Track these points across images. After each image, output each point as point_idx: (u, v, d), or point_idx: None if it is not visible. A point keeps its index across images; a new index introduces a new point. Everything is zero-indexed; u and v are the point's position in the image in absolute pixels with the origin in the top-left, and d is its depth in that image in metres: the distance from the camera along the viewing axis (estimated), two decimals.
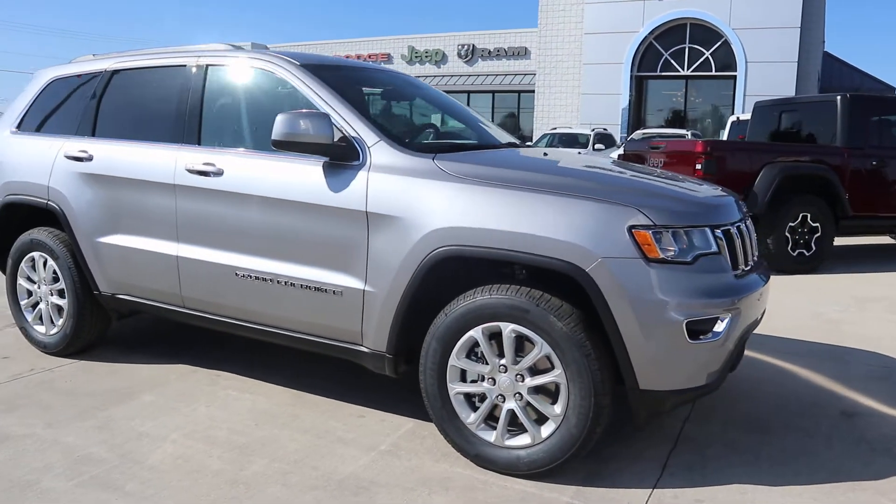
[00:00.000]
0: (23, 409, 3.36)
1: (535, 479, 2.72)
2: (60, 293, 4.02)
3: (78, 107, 4.01)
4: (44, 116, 4.18)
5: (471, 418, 2.81)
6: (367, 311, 2.96)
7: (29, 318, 4.19)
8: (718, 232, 2.69)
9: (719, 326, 2.60)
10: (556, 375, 2.63)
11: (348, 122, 3.07)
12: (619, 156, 8.19)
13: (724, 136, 11.49)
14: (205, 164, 3.36)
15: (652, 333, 2.50)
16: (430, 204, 2.80)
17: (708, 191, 3.11)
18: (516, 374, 2.70)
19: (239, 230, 3.27)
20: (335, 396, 3.54)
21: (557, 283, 2.66)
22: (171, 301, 3.61)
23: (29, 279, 4.16)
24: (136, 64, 3.85)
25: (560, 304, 2.60)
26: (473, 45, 29.17)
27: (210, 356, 4.12)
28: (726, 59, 23.04)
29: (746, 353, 4.28)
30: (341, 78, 3.44)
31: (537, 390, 2.70)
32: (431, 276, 2.80)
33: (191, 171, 3.39)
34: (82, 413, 3.32)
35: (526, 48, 28.62)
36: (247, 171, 3.25)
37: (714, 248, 2.65)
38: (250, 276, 3.25)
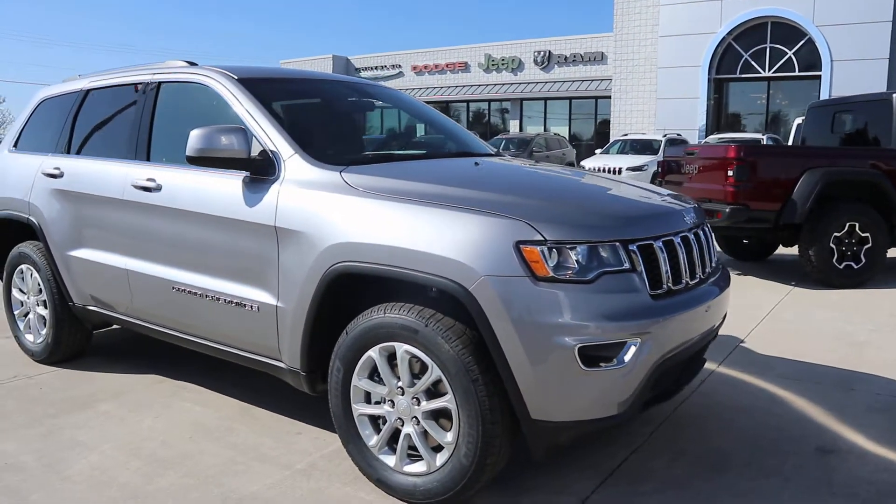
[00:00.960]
0: None
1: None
2: (44, 304, 4.20)
3: (59, 125, 4.19)
4: (34, 135, 4.40)
5: (373, 441, 2.69)
6: (280, 328, 2.90)
7: (21, 326, 4.40)
8: (633, 247, 2.45)
9: (626, 353, 2.35)
10: (447, 401, 2.46)
11: (269, 136, 3.03)
12: (659, 163, 7.78)
13: (790, 140, 10.72)
14: (147, 179, 3.41)
15: (539, 359, 2.29)
16: (331, 218, 2.71)
17: (645, 201, 2.86)
18: (412, 398, 2.56)
19: (173, 244, 3.30)
20: (284, 412, 3.50)
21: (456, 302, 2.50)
22: (128, 313, 3.69)
23: (20, 290, 4.38)
24: (105, 83, 3.98)
25: (452, 324, 2.43)
26: (550, 52, 28.84)
27: (184, 368, 4.18)
28: (810, 59, 21.62)
29: (742, 377, 3.95)
30: (279, 91, 3.42)
31: (434, 415, 2.54)
32: (332, 293, 2.71)
33: (135, 187, 3.45)
34: (34, 421, 3.43)
35: (602, 53, 28.02)
36: (180, 186, 3.28)
37: (625, 266, 2.41)
38: (184, 290, 3.26)
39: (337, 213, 2.70)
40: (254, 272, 2.96)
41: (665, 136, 17.99)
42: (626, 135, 19.48)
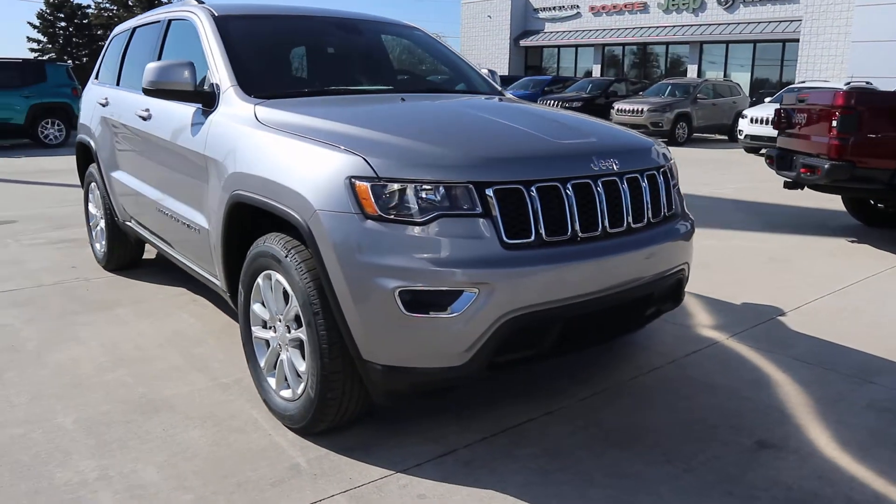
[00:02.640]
0: (27, 305, 4.16)
1: (303, 435, 2.64)
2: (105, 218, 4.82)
3: (115, 59, 4.68)
4: (106, 68, 4.95)
5: (262, 363, 2.81)
6: (212, 250, 3.09)
7: (93, 235, 5.10)
8: (490, 191, 2.26)
9: (460, 303, 2.20)
10: (301, 332, 2.50)
11: (217, 70, 3.16)
12: (776, 111, 6.83)
13: None
14: (144, 109, 3.73)
15: (362, 299, 2.23)
16: (236, 148, 2.80)
17: (535, 140, 2.58)
18: (286, 325, 2.62)
19: (155, 168, 3.61)
20: None
21: None
22: (143, 230, 4.12)
23: (94, 205, 5.04)
24: (144, 21, 4.35)
25: (307, 256, 2.43)
26: None
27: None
28: None
29: (743, 353, 3.52)
30: (250, 28, 3.51)
31: (299, 345, 2.59)
32: (236, 221, 2.82)
33: (138, 116, 3.79)
34: (61, 315, 4.00)
35: None
36: (161, 116, 3.55)
37: (475, 210, 2.24)
38: (163, 211, 3.58)
39: (240, 143, 2.79)
40: (196, 197, 3.17)
41: (847, 83, 15.55)
42: (803, 82, 17.13)
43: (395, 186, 2.22)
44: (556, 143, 2.56)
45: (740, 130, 13.48)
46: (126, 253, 4.79)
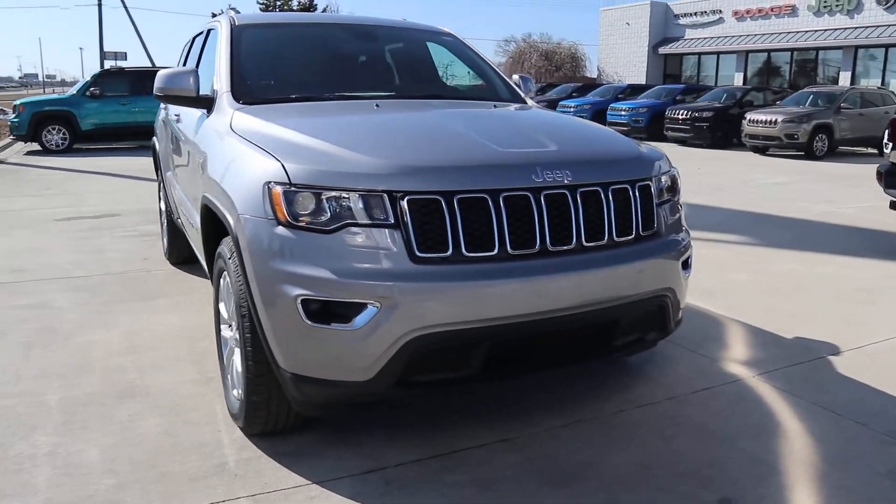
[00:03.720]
0: (86, 291, 4.55)
1: (247, 435, 2.66)
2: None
3: (180, 65, 5.02)
4: None
5: (225, 361, 2.87)
6: (203, 246, 3.22)
7: (162, 230, 5.50)
8: (404, 201, 2.15)
9: (360, 316, 2.12)
10: (233, 333, 2.52)
11: (219, 76, 3.29)
12: (891, 121, 5.98)
13: None
14: (176, 113, 3.97)
15: (270, 305, 2.21)
16: (209, 154, 2.91)
17: (472, 147, 2.43)
18: (232, 325, 2.66)
19: (179, 168, 3.82)
20: None
21: None
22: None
23: (163, 202, 5.44)
24: (199, 31, 4.63)
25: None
26: None
27: None
28: None
29: (764, 393, 3.13)
30: (262, 36, 3.62)
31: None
32: (208, 220, 2.90)
33: (174, 118, 4.04)
34: (110, 301, 4.33)
35: None
36: (185, 119, 3.75)
37: (386, 220, 2.14)
38: (182, 210, 3.79)
39: (212, 148, 2.89)
40: (194, 198, 3.32)
41: None
42: None
43: (307, 193, 2.18)
44: (497, 152, 2.39)
45: (886, 143, 12.01)
46: (182, 247, 5.11)
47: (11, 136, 14.31)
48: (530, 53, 38.03)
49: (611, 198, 2.44)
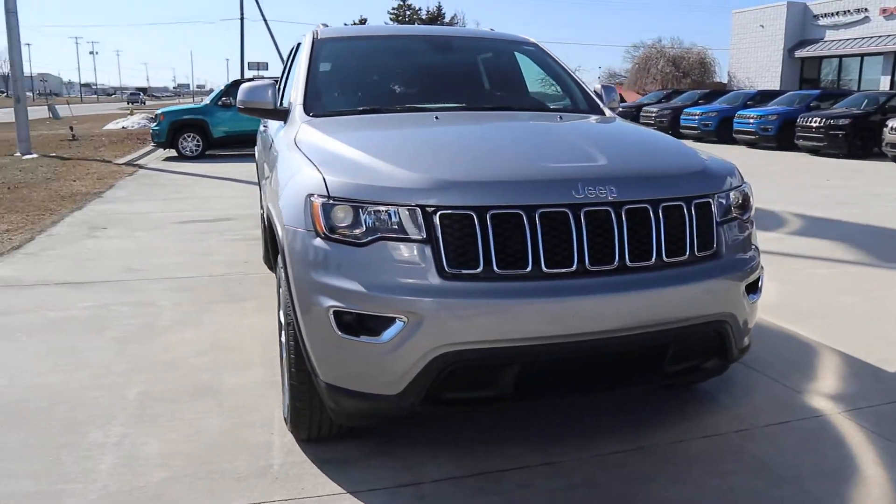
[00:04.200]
0: (185, 291, 4.88)
1: (297, 440, 2.75)
2: None
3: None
4: None
5: (282, 363, 2.97)
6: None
7: (263, 235, 5.81)
8: (436, 216, 2.15)
9: (388, 330, 2.13)
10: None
11: (296, 90, 3.43)
12: None
13: None
14: (264, 124, 4.19)
15: (306, 314, 2.28)
16: (276, 165, 3.03)
17: (515, 160, 2.40)
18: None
19: (264, 175, 4.02)
20: None
21: None
22: None
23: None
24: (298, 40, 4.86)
25: None
26: None
27: None
28: None
29: (848, 432, 2.88)
30: (341, 49, 3.74)
31: None
32: (270, 231, 3.04)
33: (263, 127, 4.27)
34: (202, 302, 4.63)
35: None
36: (270, 129, 3.95)
37: (418, 235, 2.15)
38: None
39: (279, 158, 3.01)
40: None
41: None
42: None
43: (345, 206, 2.23)
44: (538, 166, 2.33)
45: None
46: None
47: (153, 143, 15.67)
48: (657, 59, 36.76)
49: (661, 216, 2.31)
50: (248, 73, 33.59)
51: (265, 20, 36.90)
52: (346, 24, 3.96)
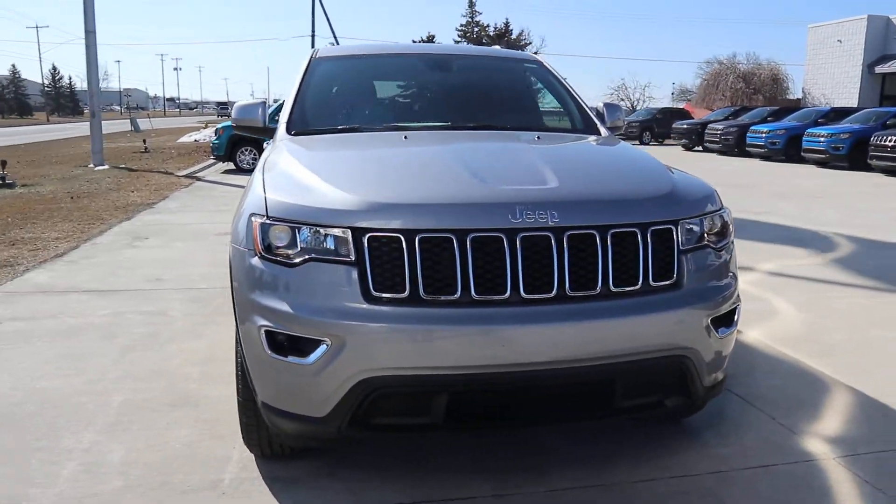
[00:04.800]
0: (198, 302, 5.01)
1: (256, 455, 2.76)
2: None
3: None
4: None
5: None
6: None
7: None
8: (365, 238, 2.12)
9: (314, 352, 2.11)
10: None
11: (284, 108, 3.49)
12: None
13: None
14: (267, 141, 4.25)
15: (244, 331, 2.28)
16: (251, 179, 3.06)
17: (454, 184, 2.34)
18: None
19: None
20: None
21: None
22: None
23: None
24: None
25: None
26: None
27: None
28: None
29: (837, 479, 2.67)
30: (336, 68, 3.77)
31: None
32: None
33: (265, 146, 4.34)
34: (210, 313, 4.74)
35: None
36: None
37: (347, 257, 2.12)
38: None
39: (252, 176, 3.05)
40: None
41: None
42: None
43: (281, 226, 2.23)
44: (478, 189, 2.26)
45: None
46: None
47: (213, 157, 16.28)
48: (726, 75, 35.69)
49: (609, 243, 2.20)
50: None
51: (335, 36, 38.03)
52: (413, 41, 3.97)
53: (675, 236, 2.33)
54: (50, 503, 2.44)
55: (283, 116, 3.40)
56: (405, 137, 3.10)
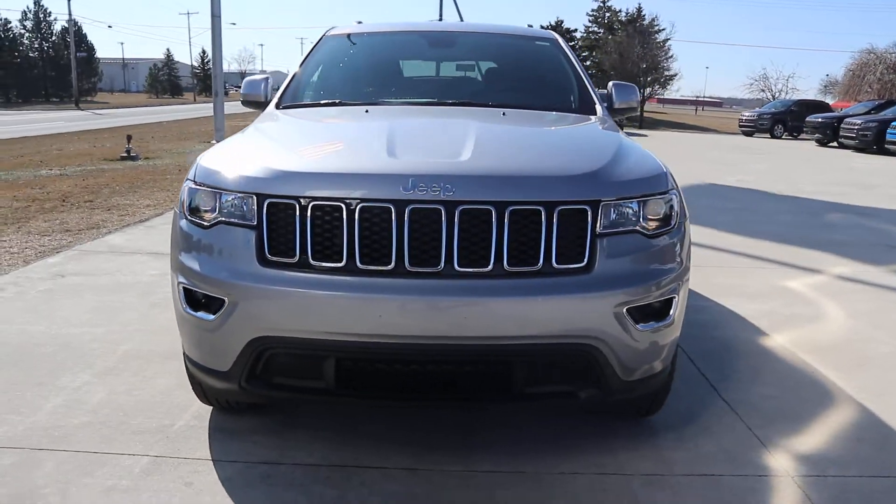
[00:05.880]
0: None
1: (218, 410, 2.96)
2: None
3: None
4: None
5: None
6: None
7: None
8: (265, 203, 2.23)
9: (217, 309, 2.26)
10: None
11: (284, 83, 3.66)
12: None
13: None
14: None
15: (172, 289, 2.47)
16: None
17: (358, 153, 2.47)
18: None
19: None
20: None
21: None
22: None
23: None
24: None
25: None
26: None
27: None
28: None
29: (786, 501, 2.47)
30: (344, 44, 3.88)
31: None
32: None
33: None
34: None
35: None
36: None
37: (251, 221, 2.25)
38: None
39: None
40: None
41: None
42: None
43: (204, 191, 2.39)
44: (375, 160, 2.32)
45: None
46: None
47: None
48: (874, 66, 32.41)
49: (507, 220, 2.15)
50: None
51: (460, 16, 38.37)
52: (541, 27, 4.05)
53: (589, 218, 2.23)
54: (23, 428, 2.76)
55: (279, 91, 3.57)
56: (366, 111, 3.17)
